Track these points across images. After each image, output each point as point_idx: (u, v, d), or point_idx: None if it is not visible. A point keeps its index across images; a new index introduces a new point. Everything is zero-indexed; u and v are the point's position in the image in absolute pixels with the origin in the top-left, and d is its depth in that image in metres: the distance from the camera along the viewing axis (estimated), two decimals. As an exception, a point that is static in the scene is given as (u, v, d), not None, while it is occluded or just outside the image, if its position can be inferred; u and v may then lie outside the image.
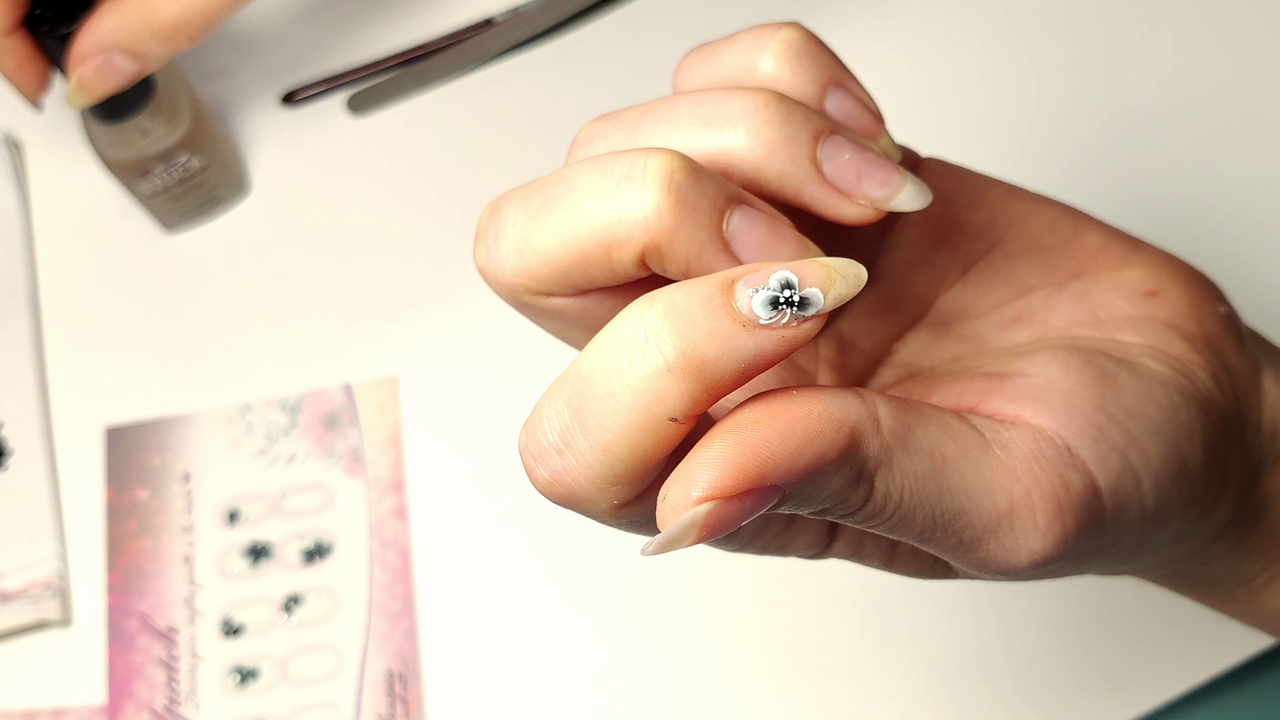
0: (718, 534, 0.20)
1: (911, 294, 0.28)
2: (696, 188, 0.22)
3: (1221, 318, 0.27)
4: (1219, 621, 0.35)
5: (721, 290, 0.20)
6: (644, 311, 0.20)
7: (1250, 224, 0.51)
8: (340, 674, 0.46)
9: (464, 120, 0.54)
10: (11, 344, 0.50)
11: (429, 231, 0.52)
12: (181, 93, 0.49)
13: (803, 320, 0.20)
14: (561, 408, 0.21)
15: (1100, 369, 0.25)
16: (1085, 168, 0.52)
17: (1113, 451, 0.23)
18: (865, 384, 0.29)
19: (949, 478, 0.22)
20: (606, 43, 0.55)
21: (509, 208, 0.23)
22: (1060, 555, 0.23)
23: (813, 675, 0.45)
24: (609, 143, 0.24)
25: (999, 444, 0.23)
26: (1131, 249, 0.28)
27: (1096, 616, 0.45)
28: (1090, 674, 0.45)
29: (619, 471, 0.20)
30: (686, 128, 0.24)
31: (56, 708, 0.45)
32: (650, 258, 0.22)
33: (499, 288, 0.23)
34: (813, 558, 0.26)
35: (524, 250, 0.23)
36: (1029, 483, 0.22)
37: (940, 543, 0.22)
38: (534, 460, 0.21)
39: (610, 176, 0.22)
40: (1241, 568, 0.29)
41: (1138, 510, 0.24)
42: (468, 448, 0.48)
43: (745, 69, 0.25)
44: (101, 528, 0.48)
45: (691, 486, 0.20)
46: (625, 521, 0.22)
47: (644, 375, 0.20)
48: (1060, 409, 0.24)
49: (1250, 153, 0.52)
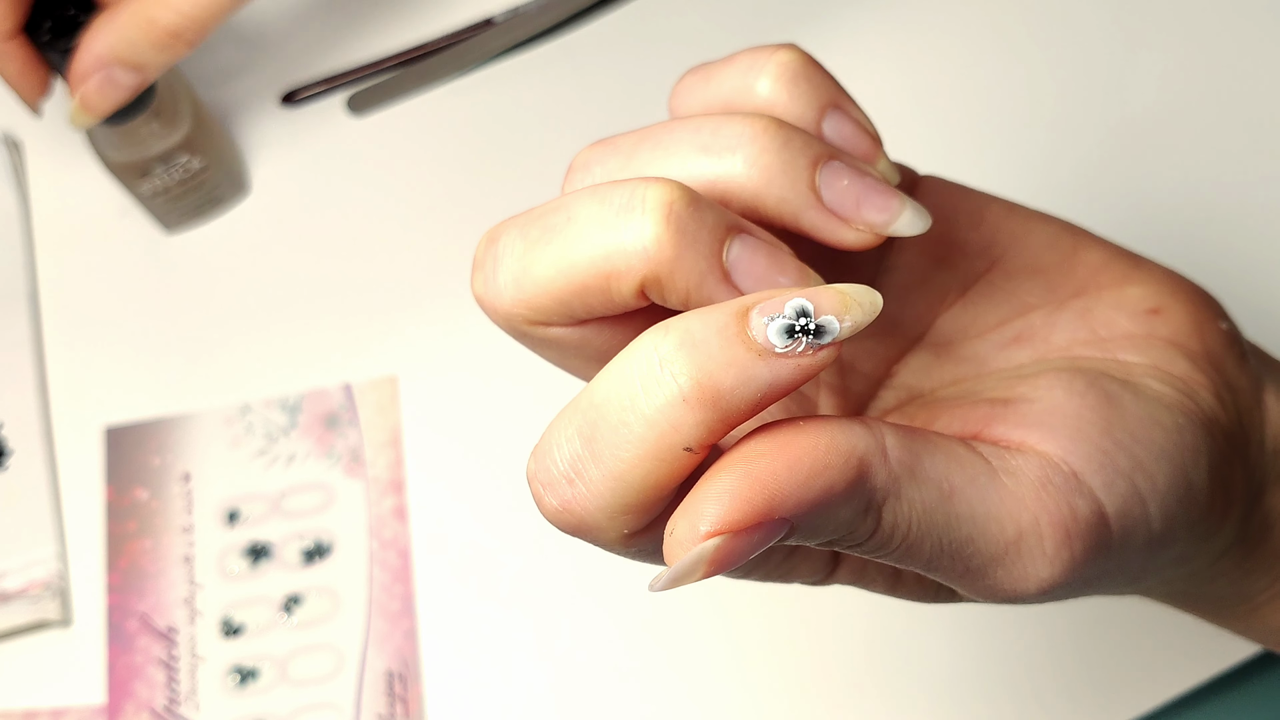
0: (726, 569, 0.20)
1: (911, 315, 0.28)
2: (696, 218, 0.22)
3: (1223, 334, 0.27)
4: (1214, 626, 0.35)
5: (737, 318, 0.19)
6: (659, 340, 0.20)
7: (1252, 232, 0.51)
8: (340, 674, 0.46)
9: (464, 120, 0.54)
10: (11, 344, 0.50)
11: (429, 231, 0.52)
12: (181, 93, 0.49)
13: (819, 349, 0.19)
14: (572, 436, 0.20)
15: (1104, 392, 0.24)
16: (1085, 178, 0.52)
17: (1119, 477, 0.23)
18: (866, 407, 0.29)
19: (957, 507, 0.21)
20: (606, 43, 0.55)
21: (507, 237, 0.23)
22: (1067, 582, 0.23)
23: (812, 678, 0.45)
24: (606, 169, 0.24)
25: (1006, 471, 0.22)
26: (1132, 266, 0.28)
27: (1095, 618, 0.45)
28: (1090, 674, 0.45)
29: (630, 501, 0.20)
30: (684, 155, 0.23)
31: (56, 708, 0.45)
32: (650, 288, 0.22)
33: (497, 317, 0.23)
34: (816, 584, 0.26)
35: (522, 281, 0.23)
36: (1037, 510, 0.22)
37: (947, 571, 0.22)
38: (543, 489, 0.21)
39: (609, 207, 0.22)
40: (1244, 586, 0.29)
41: (1144, 535, 0.24)
42: (468, 448, 0.48)
43: (742, 91, 0.25)
44: (101, 528, 0.48)
45: (699, 521, 0.19)
46: (634, 551, 0.22)
47: (659, 405, 0.19)
48: (1066, 434, 0.23)
49: (1252, 158, 0.52)
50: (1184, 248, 0.50)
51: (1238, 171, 0.52)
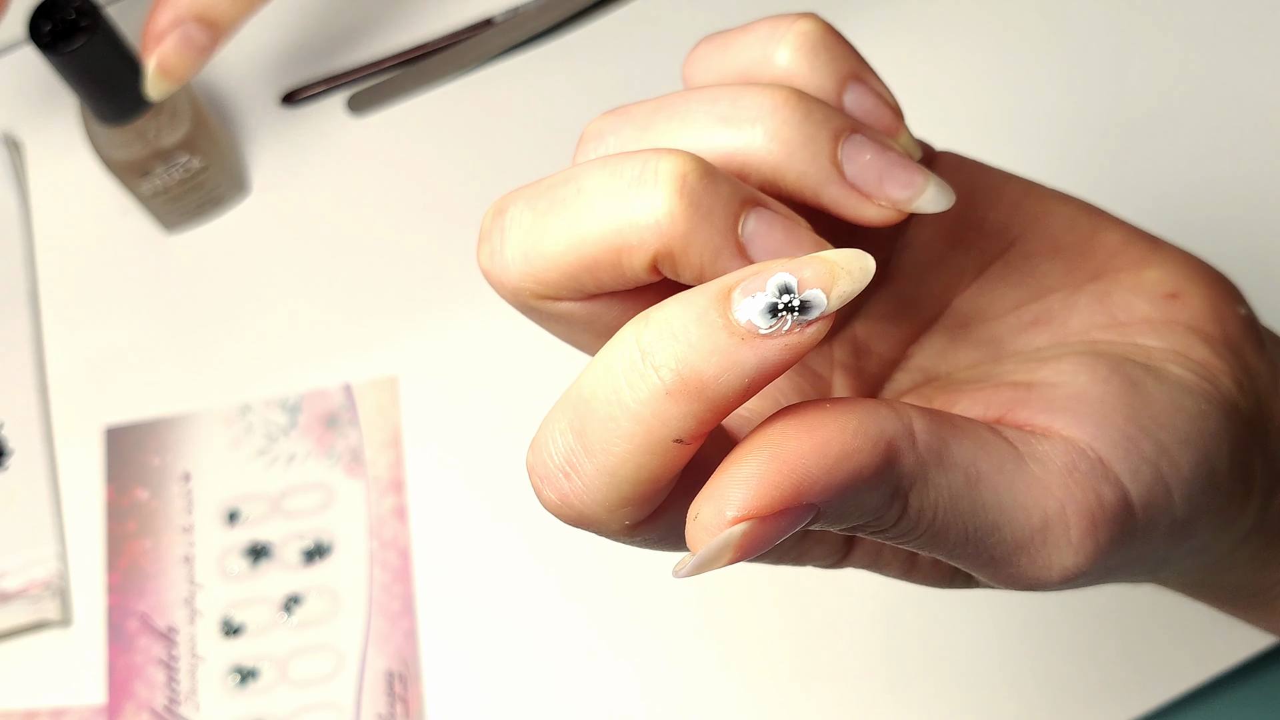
0: (752, 554, 0.19)
1: (928, 295, 0.27)
2: (710, 191, 0.21)
3: (1242, 320, 0.27)
4: (1219, 621, 0.34)
5: (717, 302, 0.19)
6: (640, 332, 0.19)
7: (1266, 220, 0.51)
8: (340, 674, 0.46)
9: (464, 120, 0.54)
10: (11, 344, 0.50)
11: (429, 231, 0.52)
12: (181, 93, 0.49)
13: (806, 324, 0.19)
14: (565, 429, 0.20)
15: (1128, 377, 0.24)
16: (1101, 161, 0.52)
17: (1144, 463, 0.23)
18: (881, 389, 0.28)
19: (983, 494, 0.21)
20: (606, 43, 0.55)
21: (515, 209, 0.22)
22: (1091, 569, 0.22)
23: (813, 673, 0.45)
24: (620, 139, 0.23)
25: (1033, 457, 0.22)
26: (1151, 249, 0.27)
27: (1097, 616, 0.45)
28: (1090, 674, 0.45)
29: (626, 494, 0.20)
30: (702, 125, 0.23)
31: (56, 708, 0.45)
32: (663, 263, 0.21)
33: (504, 291, 0.23)
34: (830, 567, 0.26)
35: (530, 254, 0.22)
36: (1064, 497, 0.22)
37: (971, 559, 0.22)
38: (541, 482, 0.20)
39: (620, 179, 0.21)
40: (1261, 577, 0.28)
41: (1168, 522, 0.23)
42: (468, 448, 0.48)
43: (760, 62, 0.24)
44: (101, 528, 0.48)
45: (726, 505, 0.19)
46: (640, 540, 0.21)
47: (643, 399, 0.19)
48: (1091, 420, 0.23)
49: (1263, 145, 0.52)
50: (1201, 229, 0.50)
51: (1252, 155, 0.51)
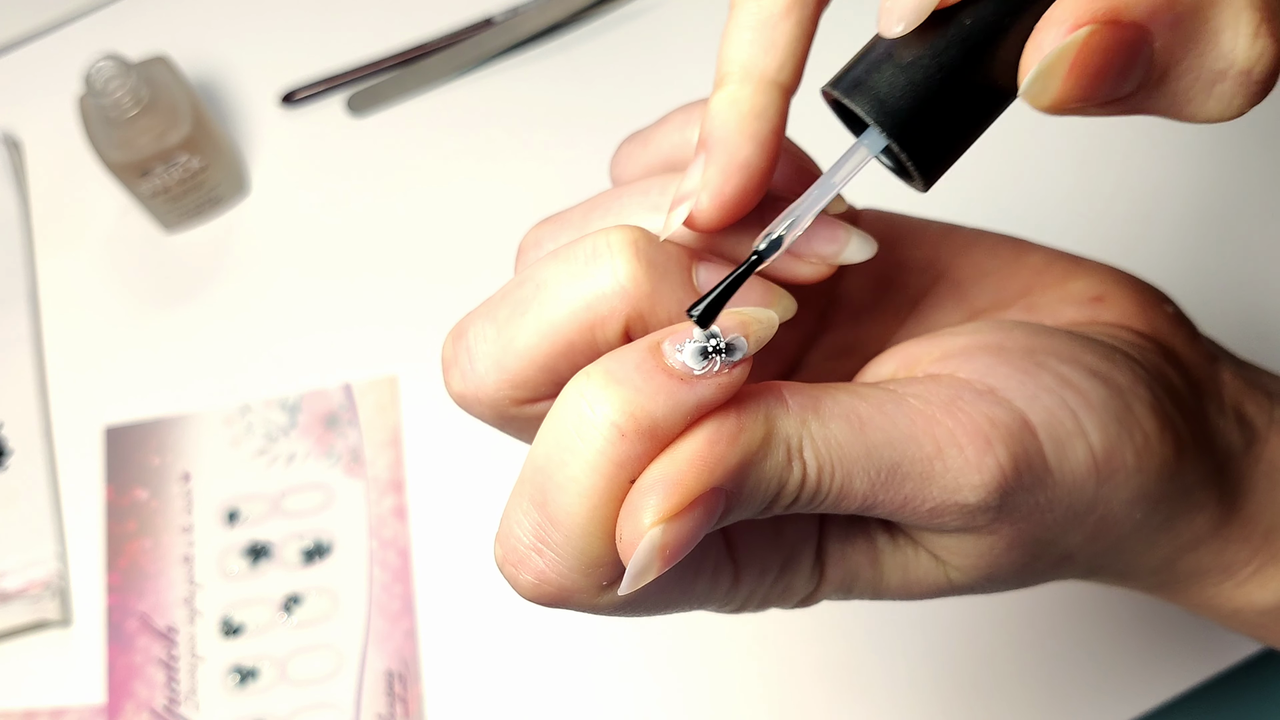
0: (680, 554, 0.20)
1: (867, 336, 0.29)
2: (662, 250, 0.23)
3: (1169, 317, 0.28)
4: (1214, 624, 0.35)
5: (651, 353, 0.20)
6: (583, 386, 0.20)
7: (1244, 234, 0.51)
8: (340, 674, 0.46)
9: (463, 120, 0.54)
10: (11, 344, 0.50)
11: (429, 231, 0.52)
12: (182, 93, 0.49)
13: (734, 365, 0.20)
14: (528, 508, 0.21)
15: (1033, 328, 0.25)
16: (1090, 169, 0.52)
17: (1044, 391, 0.24)
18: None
19: (871, 435, 0.22)
20: (606, 42, 0.55)
21: (475, 328, 0.24)
22: (1004, 488, 0.23)
23: (809, 674, 0.45)
24: (558, 243, 0.25)
25: (913, 395, 0.23)
26: (1074, 264, 0.28)
27: (1097, 616, 0.45)
28: (1090, 674, 0.45)
29: (598, 551, 0.21)
30: (638, 216, 0.24)
31: (56, 707, 0.45)
32: (634, 327, 0.23)
33: (482, 408, 0.24)
34: (804, 601, 0.27)
35: (504, 359, 0.23)
36: (951, 424, 0.23)
37: (888, 505, 0.23)
38: (515, 568, 0.21)
39: (576, 261, 0.23)
40: (1226, 557, 0.29)
41: (1084, 451, 0.24)
42: (468, 448, 0.48)
43: (681, 146, 0.26)
44: (101, 528, 0.48)
45: (642, 515, 0.20)
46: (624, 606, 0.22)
47: (598, 446, 0.20)
48: (984, 358, 0.24)
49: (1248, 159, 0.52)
50: (1184, 244, 0.50)
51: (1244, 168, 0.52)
